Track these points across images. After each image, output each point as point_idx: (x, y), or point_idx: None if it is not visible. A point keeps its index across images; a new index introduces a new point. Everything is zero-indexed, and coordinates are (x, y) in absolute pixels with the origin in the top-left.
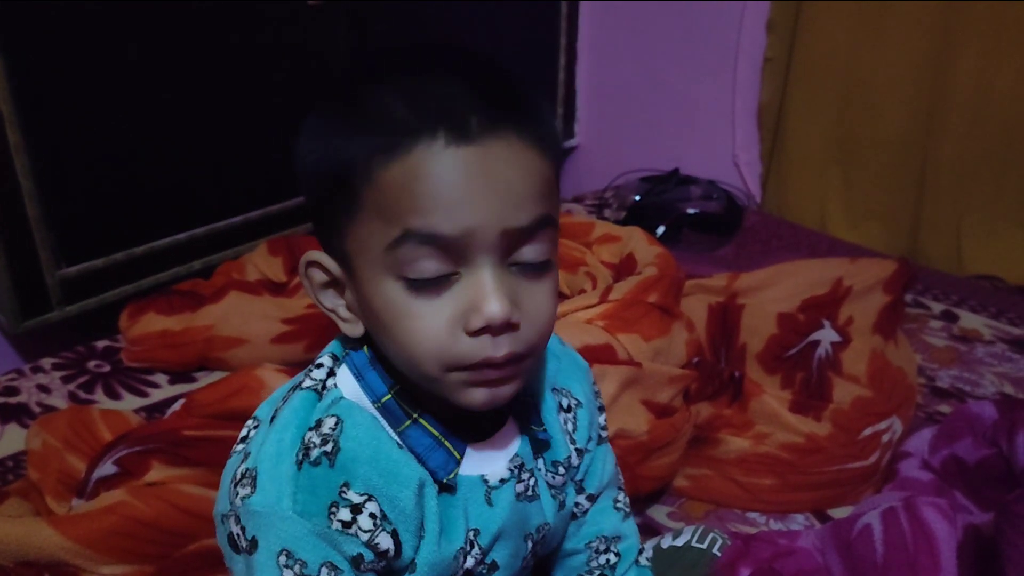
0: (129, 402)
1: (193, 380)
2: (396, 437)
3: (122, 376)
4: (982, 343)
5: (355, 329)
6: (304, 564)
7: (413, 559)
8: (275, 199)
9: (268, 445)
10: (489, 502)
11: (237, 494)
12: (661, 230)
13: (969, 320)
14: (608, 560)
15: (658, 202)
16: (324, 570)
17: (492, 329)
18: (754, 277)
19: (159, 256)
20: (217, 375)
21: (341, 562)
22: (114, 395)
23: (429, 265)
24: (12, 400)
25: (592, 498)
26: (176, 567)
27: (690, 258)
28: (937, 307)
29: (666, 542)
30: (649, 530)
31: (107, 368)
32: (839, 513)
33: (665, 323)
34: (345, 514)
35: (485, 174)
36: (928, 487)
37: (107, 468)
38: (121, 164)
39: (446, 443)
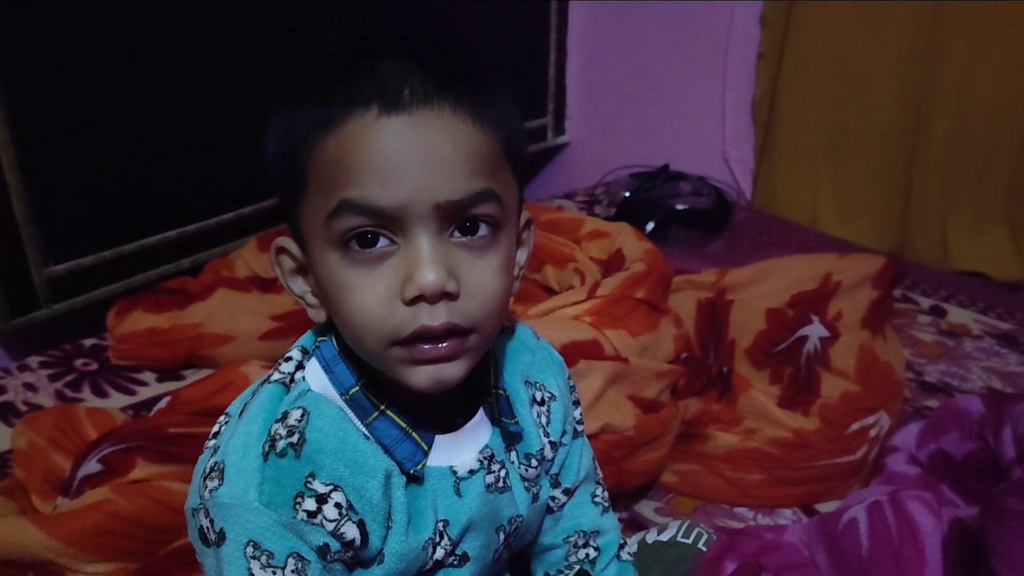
0: (116, 400)
1: (181, 378)
2: (363, 429)
3: (109, 374)
4: (970, 338)
5: (319, 314)
6: (271, 555)
7: (381, 549)
8: (266, 195)
9: (236, 438)
10: (458, 493)
11: (206, 487)
12: (650, 226)
13: (957, 315)
14: (587, 555)
15: (648, 198)
16: (291, 561)
17: (427, 298)
18: (743, 273)
19: (148, 254)
20: (204, 372)
21: (308, 552)
22: (101, 393)
23: (365, 236)
24: None
25: (568, 492)
26: (160, 564)
27: (679, 254)
28: (926, 302)
29: (651, 537)
30: (636, 525)
31: (94, 366)
32: (827, 508)
33: (653, 319)
34: (310, 504)
35: (416, 144)
36: (915, 481)
37: (92, 466)
38: (110, 161)
39: (413, 434)
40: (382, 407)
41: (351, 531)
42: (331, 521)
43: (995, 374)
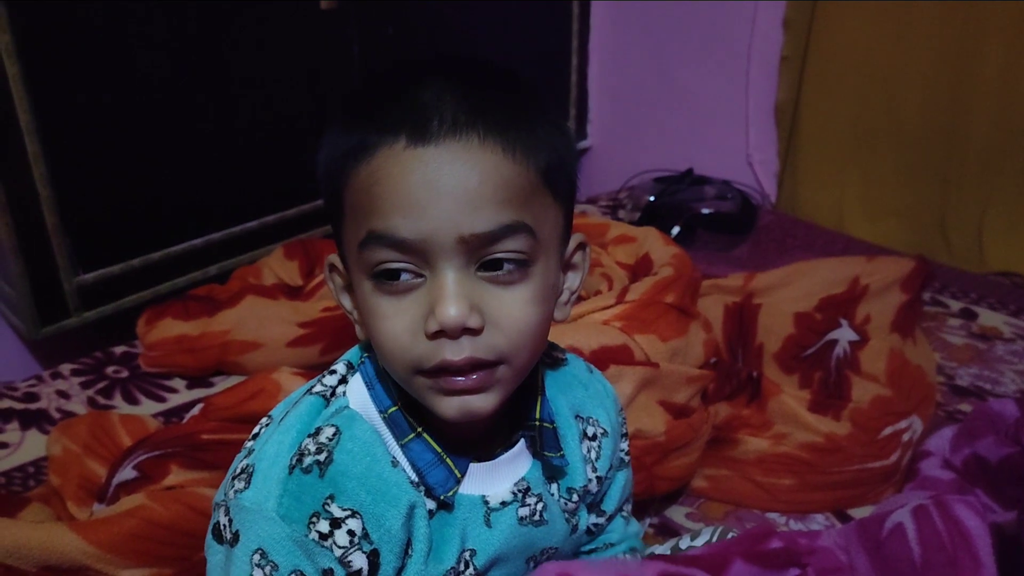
0: (147, 407)
1: (210, 385)
2: (397, 453)
3: (140, 381)
4: (1002, 340)
5: (363, 332)
6: (275, 567)
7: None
8: (291, 203)
9: (269, 445)
10: (488, 523)
11: (233, 486)
12: (676, 230)
13: (988, 318)
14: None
15: (672, 202)
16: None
17: (447, 333)
18: (770, 277)
19: (176, 262)
20: (234, 379)
21: (312, 573)
22: (132, 400)
23: (392, 266)
24: (32, 406)
25: (609, 517)
26: (195, 569)
27: (705, 258)
28: (955, 305)
29: (684, 543)
30: (667, 531)
31: (125, 373)
32: (859, 513)
33: (682, 323)
34: (324, 526)
35: (442, 176)
36: (950, 486)
37: (127, 473)
38: (137, 171)
39: (447, 460)
40: (419, 429)
41: (359, 561)
42: (340, 548)
43: None
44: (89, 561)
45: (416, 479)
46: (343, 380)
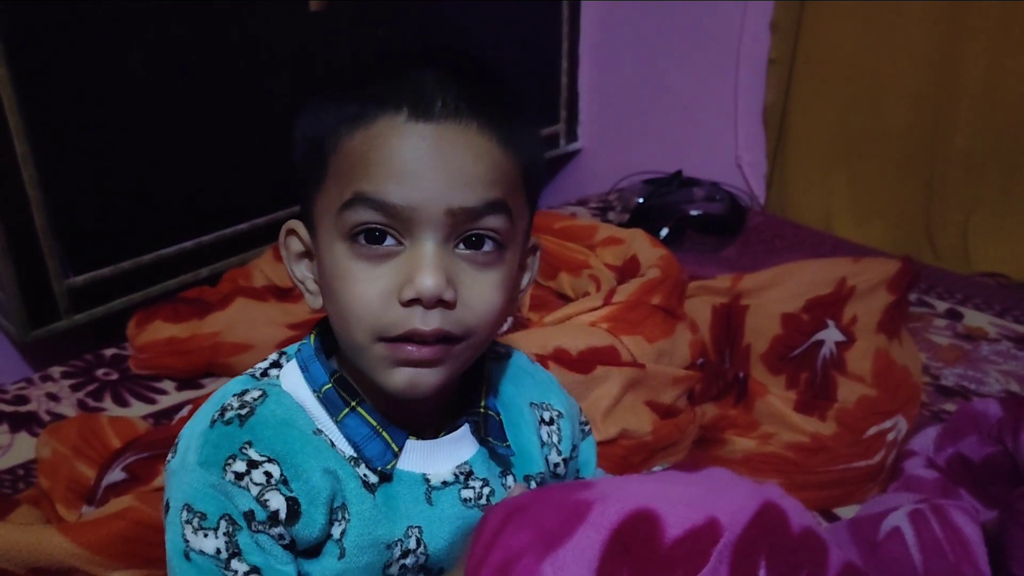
0: (137, 409)
1: (200, 386)
2: (332, 432)
3: (130, 383)
4: (987, 341)
5: (316, 301)
6: (203, 516)
7: (339, 541)
8: (281, 205)
9: (194, 418)
10: (429, 501)
11: (165, 465)
12: (664, 232)
13: (974, 318)
14: None
15: (661, 204)
16: (223, 523)
17: (423, 302)
18: (758, 278)
19: (166, 264)
20: (224, 381)
21: (238, 517)
22: (122, 402)
23: (373, 232)
24: (22, 409)
25: None
26: None
27: (694, 259)
28: (941, 305)
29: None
30: None
31: (115, 376)
32: (845, 512)
33: (669, 325)
34: (240, 466)
35: (439, 152)
36: (934, 485)
37: (116, 474)
38: (127, 173)
39: (384, 433)
40: (353, 403)
41: (276, 501)
42: (256, 485)
43: (1013, 377)
44: (78, 563)
45: (355, 455)
46: (276, 364)
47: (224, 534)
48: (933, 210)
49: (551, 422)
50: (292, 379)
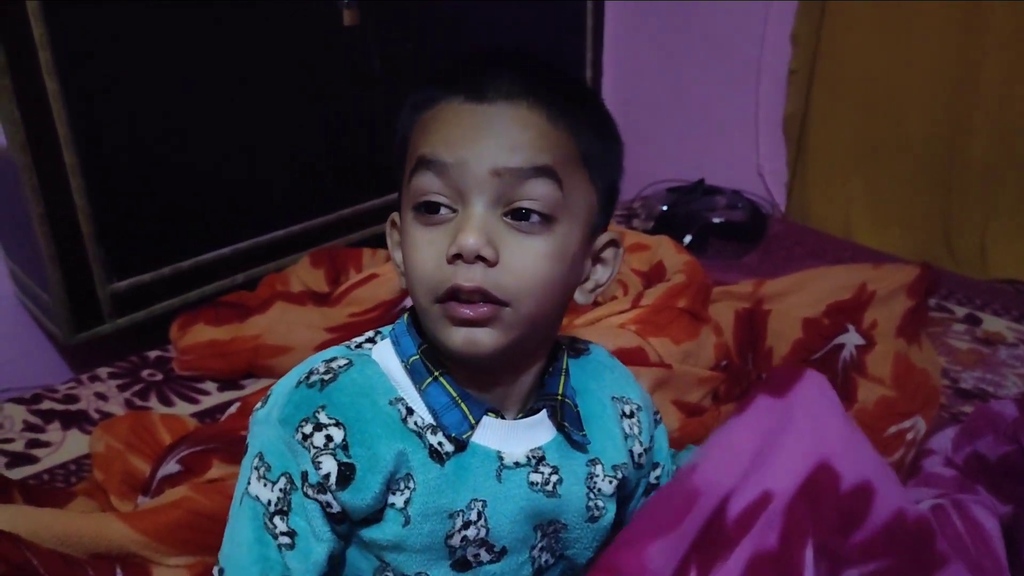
0: (181, 408)
1: (241, 387)
2: (415, 401)
3: (174, 384)
4: (1005, 345)
5: (403, 281)
6: (268, 468)
7: (403, 508)
8: (315, 214)
9: (287, 374)
10: (499, 479)
11: (253, 411)
12: (688, 239)
13: (992, 323)
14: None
15: (685, 212)
16: (283, 479)
17: (463, 257)
18: (779, 283)
19: (204, 270)
20: (264, 382)
21: (296, 476)
22: (167, 402)
23: (432, 199)
24: (72, 407)
25: (664, 469)
26: None
27: (717, 266)
28: (960, 311)
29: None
30: None
31: (160, 377)
32: None
33: (694, 327)
34: (308, 428)
35: (489, 124)
36: (951, 483)
37: (171, 467)
38: (168, 184)
39: (462, 404)
40: (436, 373)
41: (328, 465)
42: (315, 448)
43: None
44: (137, 548)
45: (433, 422)
46: (371, 340)
47: (280, 490)
48: (951, 217)
49: (631, 415)
50: (384, 351)
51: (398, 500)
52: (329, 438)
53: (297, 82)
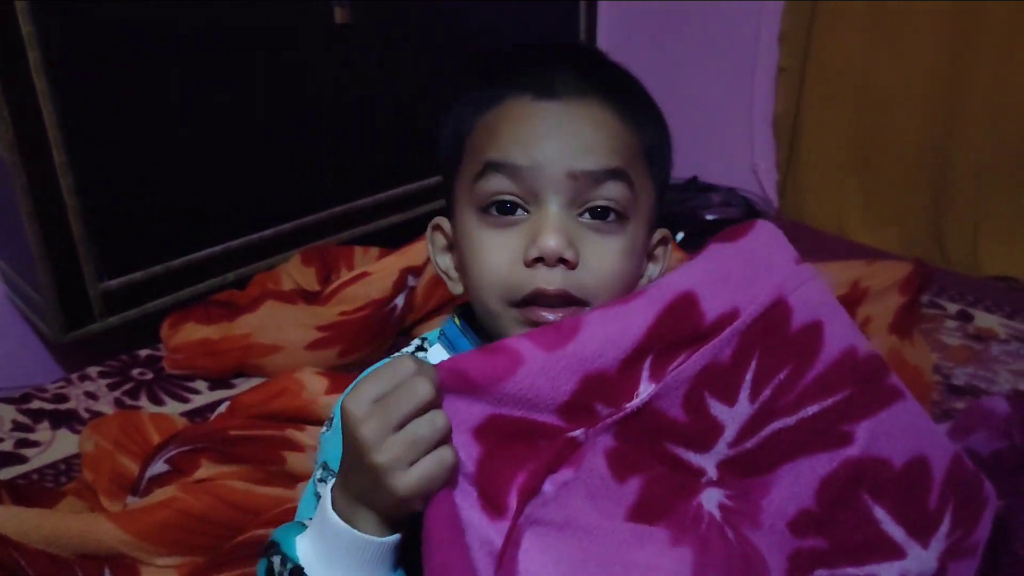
0: (172, 407)
1: (232, 386)
2: None
3: (164, 383)
4: (997, 342)
5: (457, 287)
6: (333, 475)
7: None
8: (306, 212)
9: (348, 388)
10: None
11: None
12: (681, 236)
13: (984, 319)
14: None
15: (679, 209)
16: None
17: (545, 260)
18: None
19: (195, 268)
20: (254, 381)
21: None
22: (157, 401)
23: (505, 198)
24: (62, 407)
25: None
26: (225, 557)
27: None
28: (952, 307)
29: None
30: None
31: (150, 375)
32: None
33: None
34: None
35: (561, 123)
36: None
37: (159, 467)
38: (158, 183)
39: None
40: None
41: None
42: None
43: (1022, 377)
44: (125, 548)
45: None
46: (421, 348)
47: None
48: (943, 215)
49: None
50: (440, 357)
51: None
52: None
53: (288, 80)
